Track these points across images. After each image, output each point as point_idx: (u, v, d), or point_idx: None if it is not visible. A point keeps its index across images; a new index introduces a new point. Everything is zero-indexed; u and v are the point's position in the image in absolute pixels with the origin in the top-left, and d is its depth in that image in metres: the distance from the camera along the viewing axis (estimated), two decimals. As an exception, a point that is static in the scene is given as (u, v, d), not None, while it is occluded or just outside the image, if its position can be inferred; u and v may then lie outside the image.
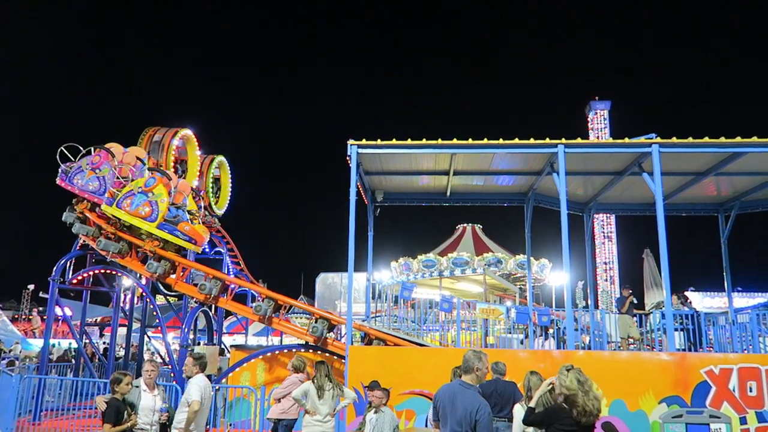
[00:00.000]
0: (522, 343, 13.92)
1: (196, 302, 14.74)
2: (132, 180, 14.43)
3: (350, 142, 11.49)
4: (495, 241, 34.98)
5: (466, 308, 13.52)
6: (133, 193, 14.10)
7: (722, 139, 10.94)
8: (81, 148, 15.42)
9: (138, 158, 15.06)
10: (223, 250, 21.28)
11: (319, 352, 12.84)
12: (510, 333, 14.30)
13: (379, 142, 11.47)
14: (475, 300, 16.52)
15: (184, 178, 17.53)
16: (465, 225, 35.94)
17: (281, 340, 22.30)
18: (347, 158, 11.51)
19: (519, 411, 6.10)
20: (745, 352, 11.80)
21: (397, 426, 7.19)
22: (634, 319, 13.39)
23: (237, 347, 14.76)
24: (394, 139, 11.46)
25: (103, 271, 16.45)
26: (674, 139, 11.04)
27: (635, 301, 14.08)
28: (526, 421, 4.92)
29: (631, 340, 13.36)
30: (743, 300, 38.19)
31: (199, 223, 15.69)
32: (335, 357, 12.76)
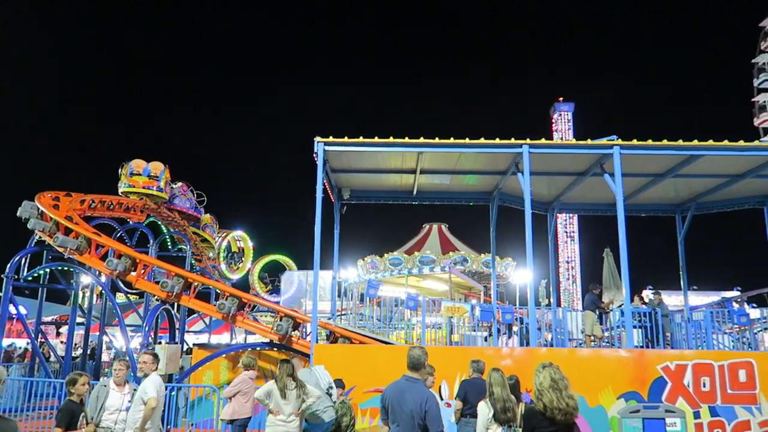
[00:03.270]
0: (486, 340, 14.07)
1: (157, 300, 14.45)
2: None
3: (317, 139, 11.41)
4: (461, 240, 35.35)
5: (431, 306, 13.60)
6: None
7: (680, 142, 11.26)
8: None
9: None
10: (186, 248, 20.93)
11: (283, 350, 12.74)
12: (474, 331, 14.44)
13: (346, 139, 11.43)
14: (440, 298, 16.63)
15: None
16: (431, 224, 36.22)
17: (245, 338, 22.08)
18: (314, 155, 11.44)
19: (483, 408, 6.15)
20: (700, 348, 12.18)
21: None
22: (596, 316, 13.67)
23: (200, 346, 14.53)
24: (361, 137, 11.43)
25: (60, 268, 15.98)
26: (635, 141, 11.31)
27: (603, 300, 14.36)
28: None
29: (593, 338, 13.65)
30: (698, 298, 39.42)
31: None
32: (300, 355, 12.67)
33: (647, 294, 14.45)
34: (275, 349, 13.22)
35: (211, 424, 11.73)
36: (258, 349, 13.29)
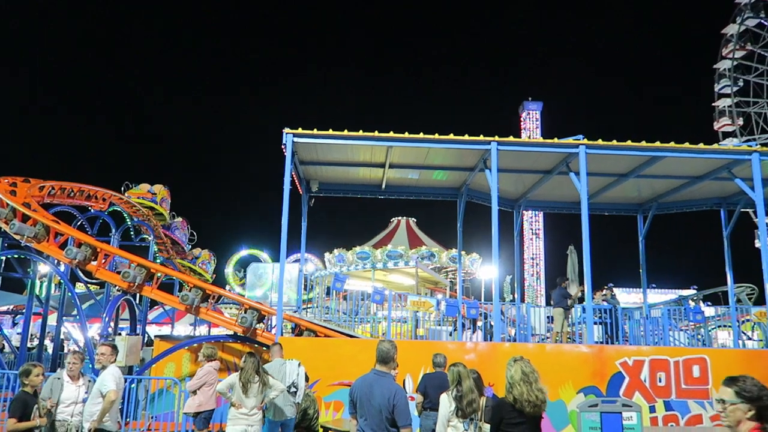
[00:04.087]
0: (451, 335, 14.20)
1: (118, 290, 14.13)
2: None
3: (286, 130, 11.30)
4: (428, 235, 35.52)
5: (397, 300, 13.65)
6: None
7: (643, 143, 11.52)
8: None
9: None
10: (149, 237, 20.52)
11: (248, 343, 12.61)
12: (440, 325, 14.55)
13: (315, 131, 11.34)
14: (407, 292, 16.70)
15: None
16: (400, 218, 36.27)
17: (209, 331, 21.80)
18: (282, 147, 11.32)
19: (445, 401, 6.19)
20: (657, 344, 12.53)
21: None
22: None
23: (161, 338, 14.28)
24: (330, 129, 11.36)
25: (16, 256, 15.47)
26: (600, 141, 11.53)
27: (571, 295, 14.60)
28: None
29: (558, 335, 13.90)
30: (657, 296, 40.59)
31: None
32: (264, 348, 12.57)
33: (600, 295, 14.76)
34: (239, 341, 13.08)
35: (172, 417, 11.55)
36: (221, 341, 13.13)
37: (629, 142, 11.51)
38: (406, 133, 11.42)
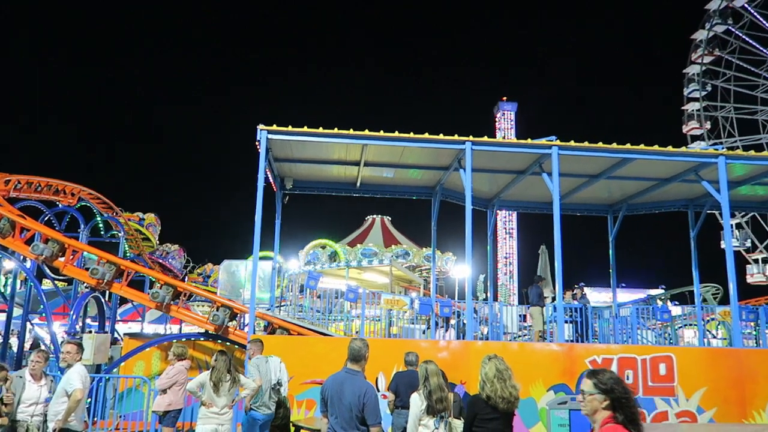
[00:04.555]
0: (424, 333, 14.26)
1: (87, 287, 13.86)
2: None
3: (260, 127, 11.20)
4: (403, 234, 35.59)
5: (371, 298, 13.66)
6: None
7: (614, 145, 11.71)
8: None
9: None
10: (119, 234, 20.17)
11: (219, 341, 12.49)
12: (413, 323, 14.60)
13: (290, 128, 11.27)
14: (380, 291, 16.71)
15: None
16: (374, 216, 36.27)
17: (180, 329, 21.53)
18: (257, 143, 11.23)
19: (416, 399, 6.22)
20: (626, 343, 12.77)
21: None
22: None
23: (131, 335, 14.06)
24: (305, 127, 11.30)
25: (-20, 251, 15.05)
26: (572, 143, 11.68)
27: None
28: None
29: (525, 331, 14.07)
30: (626, 295, 41.31)
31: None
32: (236, 346, 12.47)
33: (569, 294, 14.99)
34: (211, 339, 12.95)
35: (140, 416, 11.37)
36: (192, 339, 12.98)
37: (600, 144, 11.70)
38: (381, 132, 11.42)
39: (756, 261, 39.14)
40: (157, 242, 26.30)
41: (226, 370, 7.51)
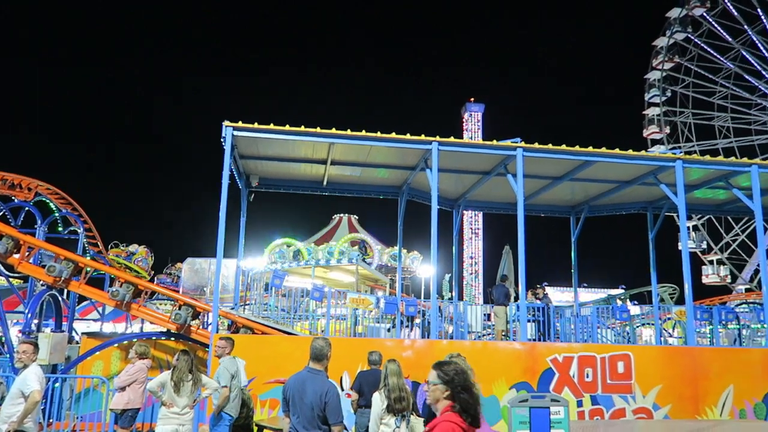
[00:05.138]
0: (389, 332, 14.30)
1: (43, 285, 13.47)
2: None
3: (226, 123, 11.05)
4: (370, 233, 35.63)
5: (337, 297, 13.62)
6: None
7: (577, 148, 11.95)
8: None
9: None
10: (79, 230, 19.64)
11: (181, 340, 12.29)
12: (378, 322, 14.63)
13: (256, 125, 11.15)
14: (346, 290, 16.69)
15: None
16: (341, 215, 36.22)
17: (141, 327, 21.10)
18: (221, 140, 11.07)
19: (377, 399, 6.24)
20: (587, 342, 13.04)
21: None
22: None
23: (89, 335, 13.72)
24: (272, 124, 11.20)
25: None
26: (536, 145, 11.87)
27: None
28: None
29: (489, 330, 14.24)
30: (588, 295, 42.19)
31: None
32: (199, 345, 12.29)
33: (532, 292, 15.25)
34: (173, 338, 12.73)
35: (99, 417, 11.11)
36: (153, 338, 12.74)
37: (564, 146, 11.91)
38: (348, 131, 11.40)
39: (711, 262, 40.49)
40: (150, 273, 25.98)
41: (187, 370, 7.40)
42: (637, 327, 19.52)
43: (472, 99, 75.32)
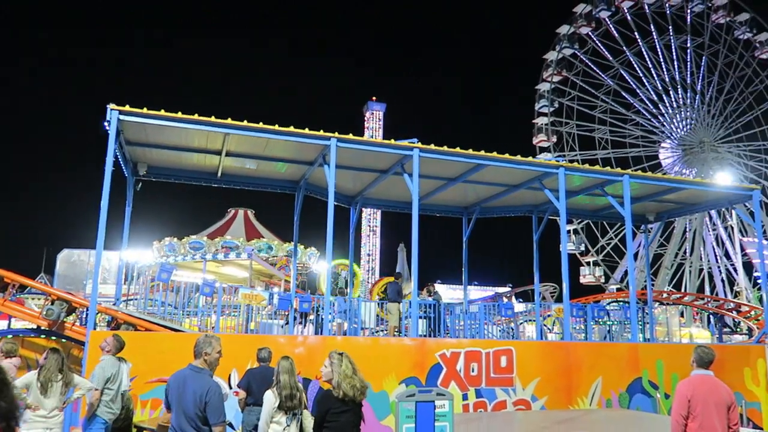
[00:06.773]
0: (282, 328, 14.10)
1: None
2: None
3: (111, 106, 10.34)
4: (267, 228, 34.94)
5: (230, 293, 13.23)
6: None
7: (470, 151, 12.42)
8: None
9: None
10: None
11: (53, 338, 11.38)
12: (272, 319, 14.38)
13: (145, 110, 10.54)
14: (240, 285, 16.26)
15: None
16: (237, 209, 35.23)
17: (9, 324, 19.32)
18: (105, 124, 10.36)
19: (269, 397, 6.13)
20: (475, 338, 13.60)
21: None
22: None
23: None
24: (163, 110, 10.64)
25: None
26: (432, 146, 12.20)
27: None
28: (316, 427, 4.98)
29: (383, 326, 14.45)
30: (478, 292, 44.12)
31: None
32: (74, 343, 11.45)
33: (427, 289, 15.69)
34: (44, 336, 11.75)
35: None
36: (21, 335, 11.70)
37: (458, 149, 12.33)
38: (245, 121, 11.09)
39: (588, 263, 43.61)
40: None
41: (57, 370, 6.86)
42: (521, 323, 20.65)
43: (374, 98, 76.13)
